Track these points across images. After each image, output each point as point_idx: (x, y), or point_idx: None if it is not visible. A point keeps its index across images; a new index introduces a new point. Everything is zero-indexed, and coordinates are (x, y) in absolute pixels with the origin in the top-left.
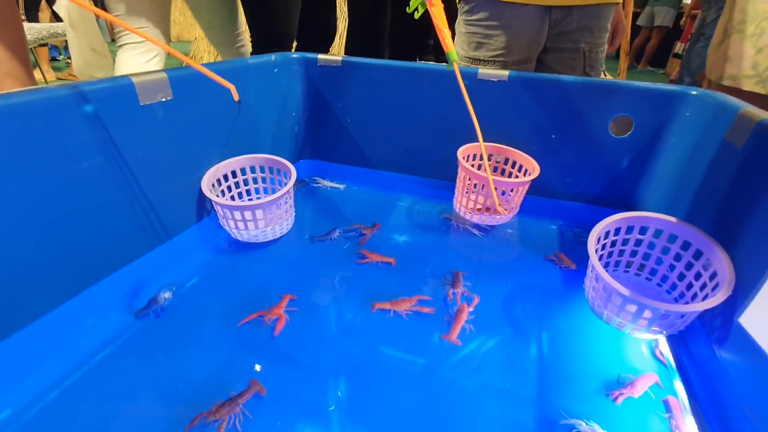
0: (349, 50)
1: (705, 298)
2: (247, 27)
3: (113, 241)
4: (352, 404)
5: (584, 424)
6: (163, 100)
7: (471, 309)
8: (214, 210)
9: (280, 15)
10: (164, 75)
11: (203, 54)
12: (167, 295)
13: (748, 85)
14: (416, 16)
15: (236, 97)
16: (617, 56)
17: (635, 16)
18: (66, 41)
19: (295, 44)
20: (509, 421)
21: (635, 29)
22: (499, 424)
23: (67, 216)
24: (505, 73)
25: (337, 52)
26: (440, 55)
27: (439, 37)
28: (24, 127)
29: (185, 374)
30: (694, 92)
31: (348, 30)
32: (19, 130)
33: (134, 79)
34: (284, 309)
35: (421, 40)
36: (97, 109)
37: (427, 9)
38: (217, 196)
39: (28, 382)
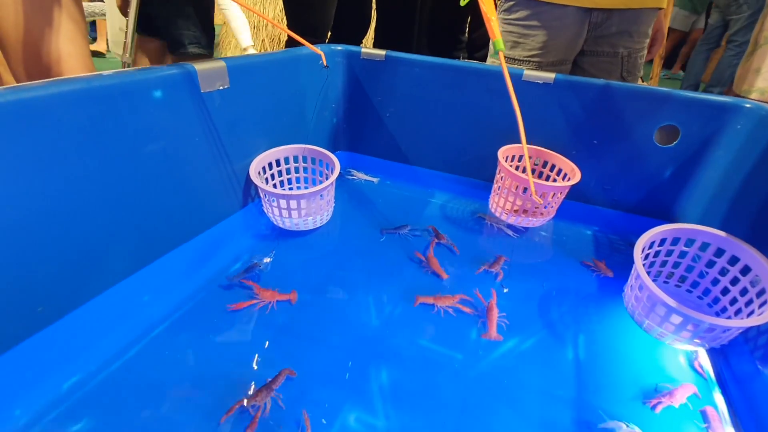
0: (377, 43)
1: (750, 314)
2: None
3: (169, 222)
4: (393, 391)
5: (624, 426)
6: (221, 88)
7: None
8: (258, 196)
9: (317, 6)
10: (223, 64)
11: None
12: (267, 260)
13: None
14: (462, 2)
15: (325, 62)
16: (651, 60)
17: None
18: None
19: (329, 34)
20: (545, 420)
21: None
22: (535, 421)
23: (127, 197)
24: (551, 75)
25: (364, 43)
26: (473, 51)
27: (486, 25)
28: (103, 109)
29: (231, 355)
30: (748, 105)
31: (376, 22)
32: (98, 112)
33: (197, 67)
34: (275, 300)
35: (453, 35)
36: (165, 94)
37: None
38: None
39: (94, 351)
